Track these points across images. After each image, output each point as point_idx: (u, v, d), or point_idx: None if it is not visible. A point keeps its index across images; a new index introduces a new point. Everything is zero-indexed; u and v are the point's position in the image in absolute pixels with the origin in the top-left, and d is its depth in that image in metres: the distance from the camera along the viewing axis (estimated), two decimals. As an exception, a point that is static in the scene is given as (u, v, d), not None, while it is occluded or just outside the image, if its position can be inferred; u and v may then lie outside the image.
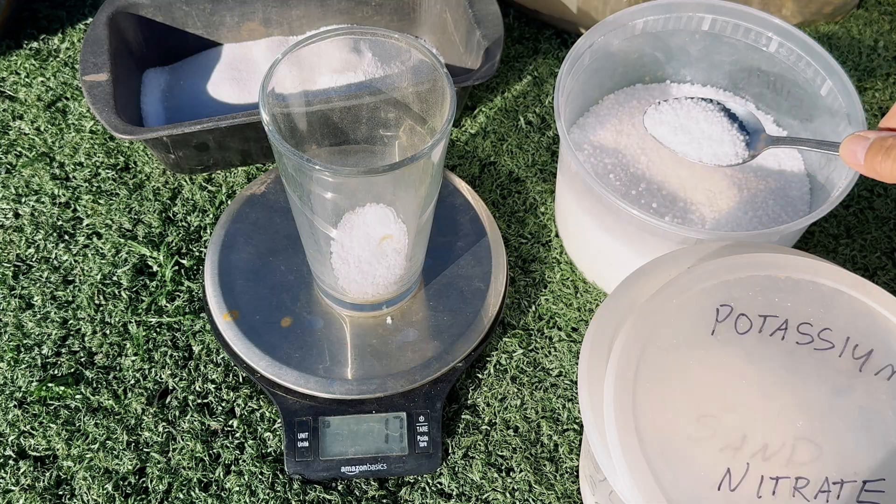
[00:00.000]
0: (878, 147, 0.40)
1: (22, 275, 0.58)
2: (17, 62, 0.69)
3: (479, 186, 0.63)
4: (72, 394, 0.53)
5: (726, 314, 0.39)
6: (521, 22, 0.74)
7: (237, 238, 0.56)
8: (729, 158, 0.52)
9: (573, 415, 0.54)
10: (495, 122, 0.67)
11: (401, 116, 0.46)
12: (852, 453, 0.36)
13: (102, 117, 0.56)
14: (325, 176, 0.40)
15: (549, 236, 0.61)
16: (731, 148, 0.52)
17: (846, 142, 0.42)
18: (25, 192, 0.62)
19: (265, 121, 0.40)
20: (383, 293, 0.51)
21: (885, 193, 0.64)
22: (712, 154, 0.52)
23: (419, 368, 0.52)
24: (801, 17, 0.72)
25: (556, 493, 0.51)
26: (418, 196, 0.44)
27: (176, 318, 0.56)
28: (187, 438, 0.52)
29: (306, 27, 0.68)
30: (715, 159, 0.52)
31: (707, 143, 0.52)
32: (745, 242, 0.45)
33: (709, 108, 0.53)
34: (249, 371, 0.52)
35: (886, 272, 0.60)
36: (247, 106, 0.63)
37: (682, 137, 0.53)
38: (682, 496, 0.34)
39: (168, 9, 0.64)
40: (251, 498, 0.50)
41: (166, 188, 0.62)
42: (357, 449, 0.51)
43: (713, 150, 0.52)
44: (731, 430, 0.36)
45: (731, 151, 0.52)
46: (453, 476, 0.51)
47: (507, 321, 0.57)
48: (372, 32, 0.43)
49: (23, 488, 0.50)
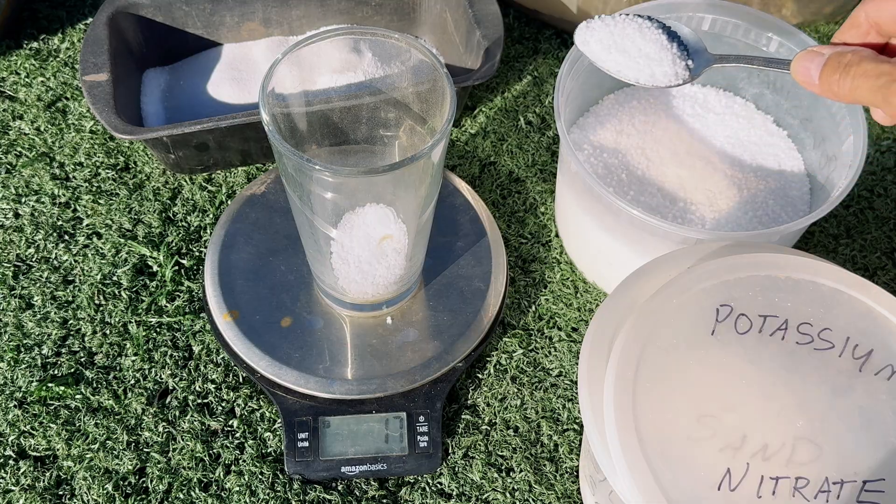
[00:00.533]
0: (835, 64, 0.36)
1: (22, 275, 0.58)
2: (17, 62, 0.69)
3: (479, 186, 0.63)
4: (72, 394, 0.53)
5: (726, 314, 0.39)
6: (521, 22, 0.74)
7: (237, 238, 0.56)
8: (668, 79, 0.46)
9: (573, 415, 0.54)
10: (495, 122, 0.67)
11: (401, 116, 0.46)
12: (852, 453, 0.36)
13: (102, 117, 0.56)
14: (325, 176, 0.40)
15: (549, 236, 0.61)
16: (670, 68, 0.46)
17: (798, 58, 0.38)
18: (25, 192, 0.62)
19: (265, 121, 0.40)
20: (383, 293, 0.51)
21: (885, 193, 0.64)
22: (650, 74, 0.47)
23: (419, 368, 0.52)
24: (801, 17, 0.72)
25: (556, 493, 0.51)
26: (418, 196, 0.44)
27: (176, 318, 0.56)
28: (187, 438, 0.52)
29: (306, 27, 0.68)
30: (653, 80, 0.47)
31: (645, 63, 0.47)
32: (745, 242, 0.45)
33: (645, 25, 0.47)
34: (249, 371, 0.52)
35: (886, 272, 0.60)
36: (247, 106, 0.63)
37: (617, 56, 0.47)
38: (682, 496, 0.34)
39: (168, 9, 0.64)
40: (251, 498, 0.50)
41: (166, 188, 0.62)
42: (357, 449, 0.51)
43: (651, 70, 0.47)
44: (731, 430, 0.36)
45: (670, 72, 0.46)
46: (453, 476, 0.51)
47: (507, 321, 0.57)
48: (372, 32, 0.43)
49: (23, 488, 0.50)
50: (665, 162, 0.57)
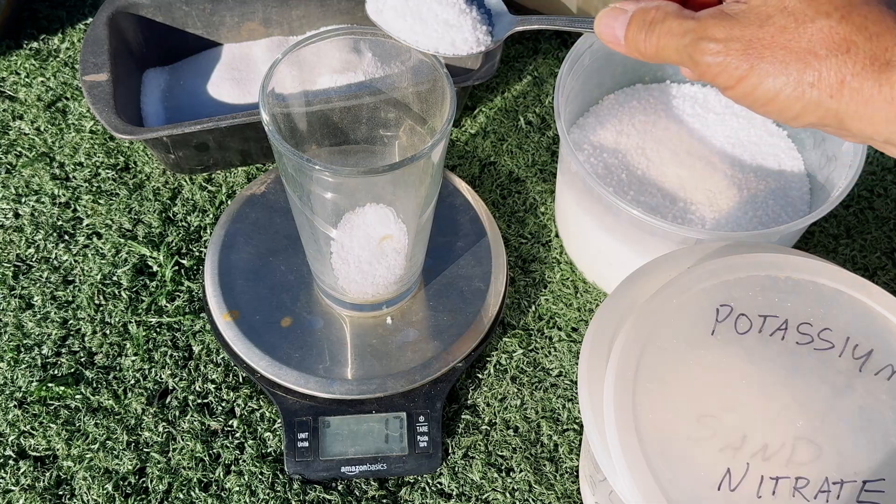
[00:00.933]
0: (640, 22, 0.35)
1: (22, 275, 0.58)
2: (17, 62, 0.69)
3: (479, 186, 0.63)
4: (72, 394, 0.53)
5: (726, 314, 0.39)
6: (521, 22, 0.74)
7: (237, 238, 0.56)
8: (469, 46, 0.43)
9: (573, 415, 0.53)
10: (495, 122, 0.67)
11: (401, 116, 0.46)
12: (852, 453, 0.36)
13: (102, 117, 0.56)
14: (325, 176, 0.40)
15: (549, 236, 0.61)
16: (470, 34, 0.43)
17: (601, 16, 0.36)
18: (25, 192, 0.62)
19: (265, 121, 0.40)
20: (383, 293, 0.51)
21: (885, 193, 0.64)
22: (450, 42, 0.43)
23: (419, 368, 0.52)
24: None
25: (556, 493, 0.51)
26: (418, 196, 0.44)
27: (176, 318, 0.56)
28: (187, 438, 0.52)
29: (306, 27, 0.68)
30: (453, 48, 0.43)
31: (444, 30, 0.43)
32: (745, 242, 0.45)
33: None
34: (249, 371, 0.52)
35: (886, 272, 0.60)
36: (247, 106, 0.63)
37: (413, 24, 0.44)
38: (682, 496, 0.34)
39: (168, 9, 0.64)
40: (251, 498, 0.50)
41: (166, 188, 0.62)
42: (357, 449, 0.51)
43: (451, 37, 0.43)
44: (731, 430, 0.36)
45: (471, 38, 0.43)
46: (453, 476, 0.51)
47: (507, 321, 0.57)
48: (372, 32, 0.43)
49: (23, 488, 0.50)
50: (665, 162, 0.57)
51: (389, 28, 0.43)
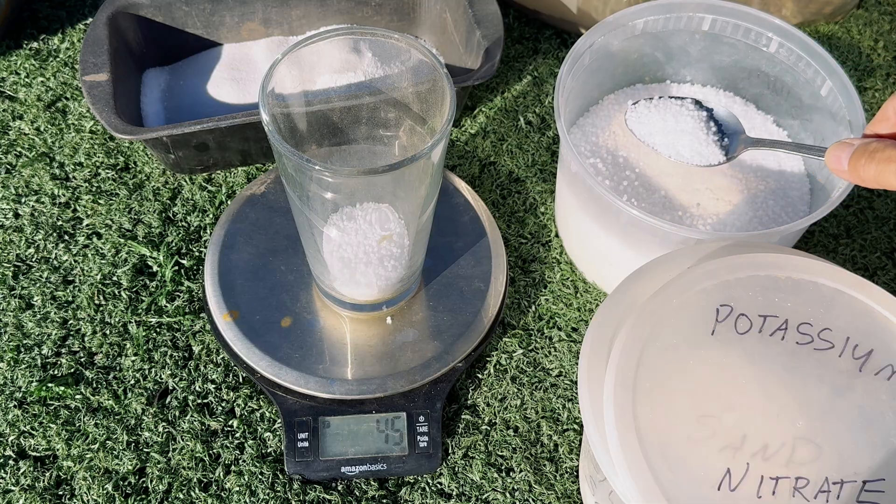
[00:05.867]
0: (862, 151, 0.41)
1: (22, 275, 0.58)
2: (17, 62, 0.69)
3: (479, 186, 0.63)
4: (72, 394, 0.53)
5: (726, 314, 0.39)
6: (521, 22, 0.74)
7: (237, 238, 0.56)
8: (707, 159, 0.52)
9: (573, 415, 0.54)
10: (495, 122, 0.67)
11: (401, 116, 0.46)
12: (852, 453, 0.36)
13: (102, 117, 0.56)
14: (324, 176, 0.40)
15: (549, 236, 0.61)
16: (707, 148, 0.52)
17: (832, 148, 0.43)
18: (25, 192, 0.62)
19: (265, 121, 0.40)
20: (383, 293, 0.51)
21: (885, 194, 0.64)
22: (690, 155, 0.52)
23: (419, 368, 0.52)
24: (801, 17, 0.72)
25: (556, 493, 0.51)
26: (418, 196, 0.44)
27: (176, 318, 0.56)
28: (187, 438, 0.52)
29: (306, 27, 0.68)
30: (693, 160, 0.52)
31: (688, 143, 0.52)
32: (745, 242, 0.45)
33: (686, 105, 0.53)
34: (249, 371, 0.52)
35: (886, 272, 0.60)
36: (247, 106, 0.63)
37: (662, 138, 0.53)
38: (682, 496, 0.34)
39: (168, 9, 0.64)
40: (251, 498, 0.50)
41: (166, 188, 0.62)
42: (357, 449, 0.51)
43: (693, 150, 0.52)
44: (731, 430, 0.36)
45: (708, 152, 0.52)
46: (453, 476, 0.51)
47: (507, 321, 0.57)
48: (372, 32, 0.43)
49: (23, 488, 0.50)
50: (665, 162, 0.57)
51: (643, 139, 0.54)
